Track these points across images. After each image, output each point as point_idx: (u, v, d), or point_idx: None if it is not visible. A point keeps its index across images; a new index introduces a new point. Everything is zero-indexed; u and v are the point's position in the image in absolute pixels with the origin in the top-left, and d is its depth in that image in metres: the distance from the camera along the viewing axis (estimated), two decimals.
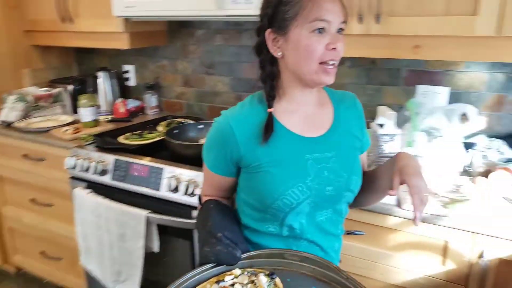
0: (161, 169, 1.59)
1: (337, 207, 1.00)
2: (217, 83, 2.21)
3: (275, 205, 0.93)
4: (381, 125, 1.33)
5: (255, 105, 0.96)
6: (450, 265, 1.24)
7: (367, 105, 1.80)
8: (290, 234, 0.97)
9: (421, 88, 1.65)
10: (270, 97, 0.94)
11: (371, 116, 1.80)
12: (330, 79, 0.89)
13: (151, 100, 2.37)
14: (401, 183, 0.89)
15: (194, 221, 1.50)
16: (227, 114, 0.96)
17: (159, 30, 2.23)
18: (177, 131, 1.82)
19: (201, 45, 2.20)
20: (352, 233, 1.34)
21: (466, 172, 1.43)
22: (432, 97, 1.62)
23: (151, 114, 2.37)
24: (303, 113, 0.97)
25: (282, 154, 0.93)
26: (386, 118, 1.33)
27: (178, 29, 2.24)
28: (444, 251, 1.24)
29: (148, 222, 1.56)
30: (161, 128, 2.04)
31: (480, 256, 1.18)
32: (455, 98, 1.62)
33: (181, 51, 2.28)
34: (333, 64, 0.88)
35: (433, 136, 1.48)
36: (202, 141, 1.80)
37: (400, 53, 1.43)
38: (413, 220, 0.85)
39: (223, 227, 0.94)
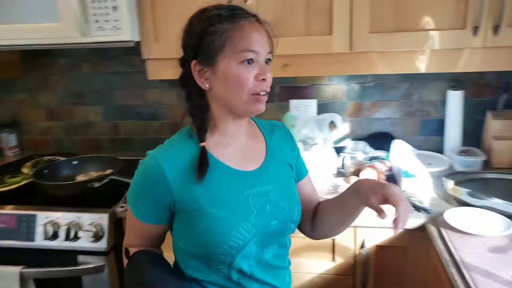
0: (33, 216, 1.40)
1: (282, 240, 0.95)
2: (88, 113, 2.05)
3: (221, 249, 0.83)
4: None
5: (184, 141, 0.88)
6: (339, 260, 1.35)
7: None
8: (240, 278, 0.88)
9: (293, 103, 1.79)
10: (202, 131, 0.87)
11: None
12: (262, 107, 0.85)
13: (8, 139, 2.08)
14: (379, 202, 0.83)
15: (82, 267, 1.35)
16: (154, 153, 0.86)
17: (12, 60, 1.98)
18: (47, 171, 1.62)
19: (66, 75, 2.02)
20: None
21: (340, 173, 1.59)
22: (304, 109, 1.78)
23: (10, 155, 2.07)
24: (237, 145, 0.91)
25: (221, 192, 0.85)
26: None
27: (35, 58, 2.02)
28: (333, 249, 1.35)
29: (23, 278, 1.35)
30: (26, 169, 1.80)
31: (362, 246, 1.31)
32: (322, 108, 1.80)
33: (42, 83, 2.05)
34: (265, 94, 0.84)
35: (309, 145, 1.62)
36: (80, 178, 1.64)
37: (272, 72, 1.53)
38: (394, 228, 0.79)
39: (164, 282, 0.83)
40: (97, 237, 1.35)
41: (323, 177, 1.54)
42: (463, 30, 1.35)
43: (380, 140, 1.74)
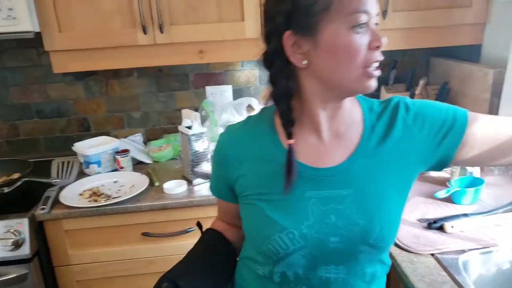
0: None
1: (352, 266, 0.73)
2: None
3: (264, 248, 0.73)
4: (189, 127, 1.42)
5: (261, 123, 0.77)
6: None
7: (163, 112, 1.87)
8: (283, 283, 0.75)
9: (209, 89, 1.82)
10: (288, 122, 0.71)
11: (170, 121, 1.88)
12: (374, 84, 0.67)
13: None
14: None
15: (2, 278, 1.24)
16: (227, 130, 0.82)
17: None
18: None
19: None
20: (186, 231, 1.40)
21: None
22: (220, 95, 1.82)
23: None
24: (317, 135, 0.74)
25: (276, 184, 0.72)
26: (192, 120, 1.42)
27: None
28: None
29: None
30: None
31: None
32: (238, 93, 1.87)
33: None
34: (377, 66, 0.67)
35: None
36: None
37: (187, 59, 1.55)
38: None
39: (181, 273, 0.78)
40: (17, 244, 1.24)
41: None
42: None
43: None
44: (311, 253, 0.71)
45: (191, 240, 1.39)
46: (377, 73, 0.67)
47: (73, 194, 1.42)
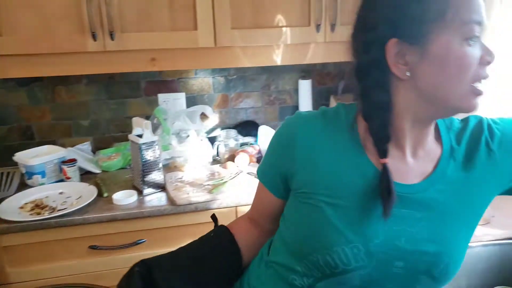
0: None
1: None
2: None
3: (313, 257, 0.67)
4: (140, 136, 1.39)
5: (339, 123, 0.69)
6: None
7: (114, 120, 1.82)
8: None
9: (162, 97, 1.80)
10: (382, 140, 0.64)
11: (121, 129, 1.83)
12: (478, 104, 0.63)
13: None
14: None
15: None
16: (300, 116, 0.73)
17: None
18: None
19: None
20: (136, 243, 1.36)
21: (215, 161, 1.68)
22: (173, 103, 1.80)
23: None
24: (396, 150, 0.68)
25: (349, 193, 0.66)
26: (143, 128, 1.40)
27: None
28: None
29: None
30: None
31: None
32: (192, 101, 1.86)
33: None
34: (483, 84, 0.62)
35: (183, 137, 1.67)
36: None
37: (139, 67, 1.52)
38: None
39: (161, 264, 0.75)
40: None
41: (200, 166, 1.61)
42: (308, 27, 1.57)
43: (247, 128, 1.89)
44: (371, 274, 0.65)
45: (141, 252, 1.37)
46: (484, 91, 0.62)
47: (13, 207, 1.34)
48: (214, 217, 0.88)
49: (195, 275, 0.77)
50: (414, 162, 0.68)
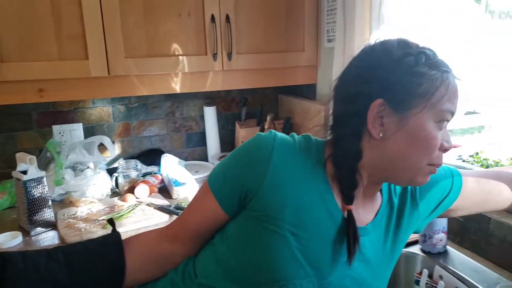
0: None
1: None
2: None
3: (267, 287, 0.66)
4: (24, 172, 1.29)
5: (310, 157, 0.69)
6: None
7: (1, 155, 1.68)
8: None
9: (56, 128, 1.70)
10: (350, 186, 0.67)
11: (9, 165, 1.69)
12: (427, 181, 0.69)
13: None
14: None
15: None
16: (277, 136, 0.69)
17: None
18: None
19: None
20: None
21: (115, 193, 1.62)
22: (69, 134, 1.71)
23: None
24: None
25: (314, 227, 0.66)
26: (27, 164, 1.30)
27: None
28: None
29: None
30: None
31: None
32: (90, 132, 1.78)
33: None
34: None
35: (80, 170, 1.58)
36: None
37: (25, 98, 1.43)
38: None
39: (14, 259, 0.66)
40: None
41: (98, 199, 1.54)
42: (205, 56, 1.60)
43: (152, 156, 1.85)
44: None
45: None
46: (435, 172, 0.67)
47: None
48: (111, 221, 0.81)
49: (51, 278, 0.68)
50: (361, 209, 0.72)
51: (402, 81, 0.63)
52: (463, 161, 1.23)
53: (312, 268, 0.66)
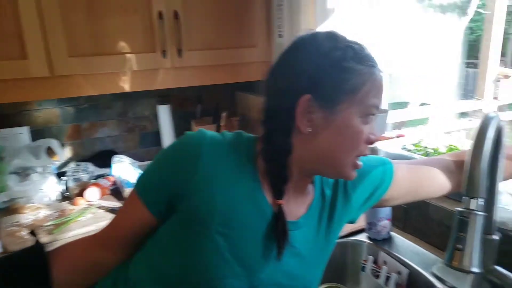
0: None
1: None
2: None
3: None
4: None
5: (240, 153, 0.68)
6: None
7: None
8: None
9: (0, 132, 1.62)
10: (279, 181, 0.67)
11: None
12: (355, 175, 0.70)
13: None
14: None
15: None
16: (206, 135, 0.68)
17: None
18: None
19: None
20: None
21: (65, 197, 1.56)
22: (14, 138, 1.64)
23: None
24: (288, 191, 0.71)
25: (243, 226, 0.66)
26: None
27: None
28: None
29: None
30: None
31: None
32: (38, 135, 1.71)
33: None
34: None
35: (25, 175, 1.52)
36: None
37: None
38: None
39: None
40: None
41: (46, 205, 1.48)
42: (154, 53, 1.57)
43: (105, 158, 1.79)
44: None
45: None
46: (361, 165, 0.69)
47: None
48: (33, 233, 0.79)
49: None
50: (293, 203, 0.72)
51: (329, 76, 0.63)
52: (408, 150, 1.27)
53: (242, 267, 0.66)
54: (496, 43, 3.25)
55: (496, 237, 0.83)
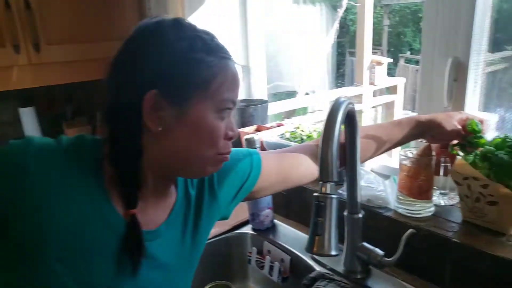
0: None
1: None
2: None
3: None
4: None
5: (81, 159, 0.59)
6: None
7: None
8: None
9: None
10: (133, 188, 0.59)
11: None
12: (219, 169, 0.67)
13: None
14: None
15: None
16: (32, 143, 0.56)
17: None
18: None
19: None
20: None
21: None
22: None
23: None
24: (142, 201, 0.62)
25: (89, 245, 0.57)
26: None
27: None
28: None
29: None
30: None
31: None
32: None
33: None
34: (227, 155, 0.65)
35: None
36: None
37: None
38: None
39: None
40: None
41: None
42: (4, 48, 1.36)
43: None
44: None
45: None
46: (227, 159, 0.65)
47: None
48: None
49: None
50: (152, 210, 0.65)
51: (176, 69, 0.57)
52: (286, 139, 1.29)
53: None
54: (368, 32, 3.56)
55: (360, 215, 0.88)
